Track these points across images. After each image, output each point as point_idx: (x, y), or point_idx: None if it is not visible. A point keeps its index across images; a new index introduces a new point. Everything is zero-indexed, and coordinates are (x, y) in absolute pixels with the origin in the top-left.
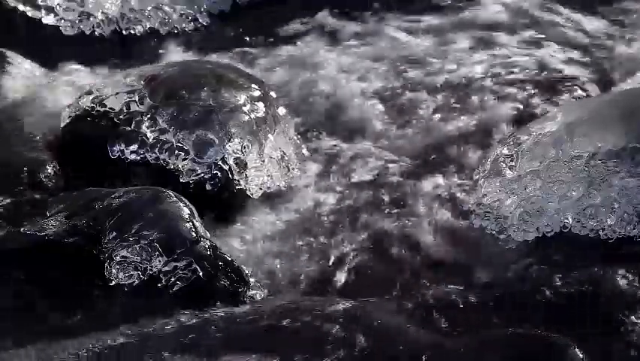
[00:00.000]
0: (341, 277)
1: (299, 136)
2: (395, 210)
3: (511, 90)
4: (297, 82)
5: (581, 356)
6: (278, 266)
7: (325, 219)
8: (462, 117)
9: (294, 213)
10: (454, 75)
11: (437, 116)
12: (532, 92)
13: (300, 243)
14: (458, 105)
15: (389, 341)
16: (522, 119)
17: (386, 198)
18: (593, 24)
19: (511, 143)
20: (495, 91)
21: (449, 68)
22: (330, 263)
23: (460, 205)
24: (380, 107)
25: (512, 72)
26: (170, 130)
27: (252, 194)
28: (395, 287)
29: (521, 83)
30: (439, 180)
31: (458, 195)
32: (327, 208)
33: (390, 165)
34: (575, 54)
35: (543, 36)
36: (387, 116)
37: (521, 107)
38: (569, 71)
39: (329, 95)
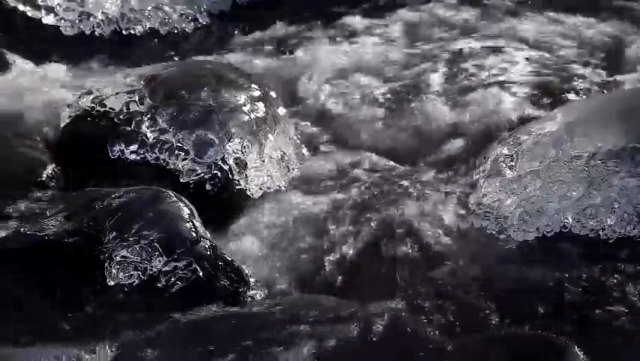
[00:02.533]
0: (341, 277)
1: (299, 136)
2: (395, 210)
3: (511, 90)
4: (297, 82)
5: (581, 356)
6: (278, 266)
7: (325, 219)
8: (462, 117)
9: (294, 213)
10: (454, 75)
11: (437, 116)
12: (533, 92)
13: (300, 243)
14: (458, 105)
15: (389, 340)
16: (522, 119)
17: (386, 197)
18: (593, 24)
19: (511, 143)
20: (495, 91)
21: (449, 69)
22: (330, 263)
23: (460, 205)
24: (380, 106)
25: (512, 72)
26: (170, 130)
27: (252, 194)
28: (395, 287)
29: (521, 83)
30: (439, 180)
31: (458, 195)
32: (326, 208)
33: (390, 165)
34: (575, 54)
35: (543, 36)
36: (387, 116)
37: (521, 107)
38: (568, 71)
39: (329, 95)
